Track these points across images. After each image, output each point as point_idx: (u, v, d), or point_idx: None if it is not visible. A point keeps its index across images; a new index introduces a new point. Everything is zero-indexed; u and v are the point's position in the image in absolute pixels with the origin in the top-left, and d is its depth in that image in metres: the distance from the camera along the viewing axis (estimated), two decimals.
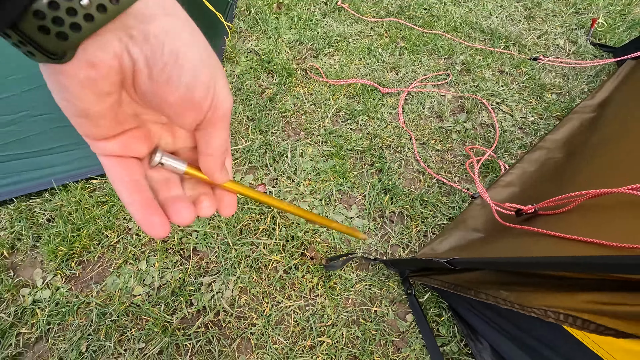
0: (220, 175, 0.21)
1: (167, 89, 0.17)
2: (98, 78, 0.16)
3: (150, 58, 0.16)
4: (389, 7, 1.24)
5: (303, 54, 1.10)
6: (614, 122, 0.73)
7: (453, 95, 0.97)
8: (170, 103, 0.17)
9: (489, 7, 1.24)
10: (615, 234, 0.40)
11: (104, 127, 0.18)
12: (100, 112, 0.17)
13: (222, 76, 0.18)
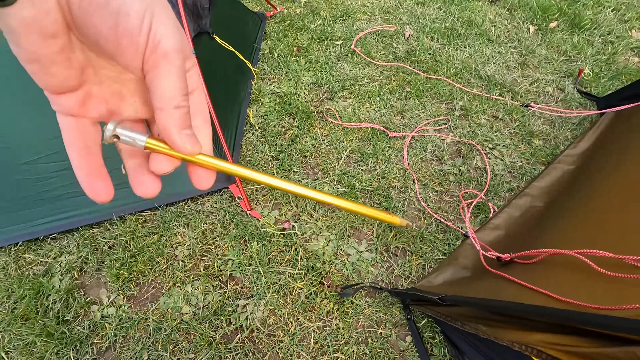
0: (179, 137, 0.19)
1: (98, 17, 0.16)
2: (40, 17, 0.16)
3: None
4: (397, 51, 1.38)
5: (320, 96, 1.24)
6: (588, 180, 0.87)
7: (452, 139, 1.11)
8: (105, 35, 0.17)
9: (487, 52, 1.37)
10: (564, 288, 0.54)
11: (58, 75, 0.18)
12: (50, 57, 0.17)
13: (162, 11, 0.18)
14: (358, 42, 1.42)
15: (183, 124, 0.19)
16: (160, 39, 0.17)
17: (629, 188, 0.77)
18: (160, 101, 0.18)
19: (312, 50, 1.39)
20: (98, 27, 0.17)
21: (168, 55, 0.17)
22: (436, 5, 1.58)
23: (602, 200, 0.76)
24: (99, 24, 0.17)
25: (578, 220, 0.75)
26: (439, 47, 1.40)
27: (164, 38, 0.17)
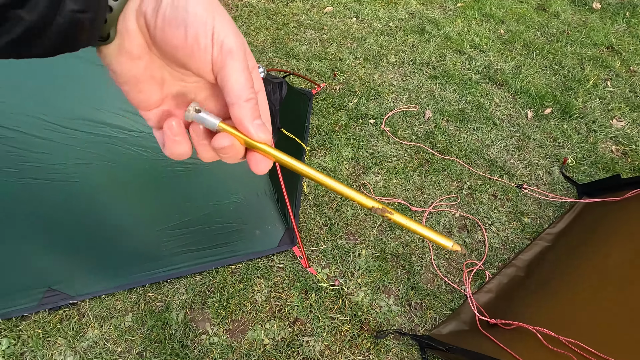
0: (252, 126, 0.21)
1: (170, 32, 0.19)
2: (127, 43, 0.20)
3: (154, 8, 0.20)
4: (418, 131, 1.73)
5: (357, 171, 1.59)
6: (559, 259, 1.19)
7: (460, 214, 1.44)
8: (177, 47, 0.20)
9: (492, 135, 1.70)
10: (527, 353, 0.86)
11: (146, 91, 0.22)
12: (137, 76, 0.21)
13: (221, 15, 0.20)
14: (387, 122, 1.76)
15: (254, 114, 0.21)
16: (222, 39, 0.20)
17: (590, 272, 1.09)
18: (232, 97, 0.21)
19: (350, 127, 1.74)
20: (172, 41, 0.20)
21: (232, 53, 0.20)
22: (452, 88, 1.92)
23: (569, 280, 1.08)
24: (172, 37, 0.20)
25: (547, 295, 1.07)
26: (453, 129, 1.73)
27: (226, 38, 0.20)
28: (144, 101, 0.23)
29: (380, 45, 2.18)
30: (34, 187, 1.05)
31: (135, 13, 0.20)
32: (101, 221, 1.15)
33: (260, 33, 2.30)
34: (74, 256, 1.19)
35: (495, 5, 2.44)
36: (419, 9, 2.47)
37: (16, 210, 1.08)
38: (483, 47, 2.14)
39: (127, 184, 1.13)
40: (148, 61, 0.22)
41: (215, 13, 0.20)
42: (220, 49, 0.20)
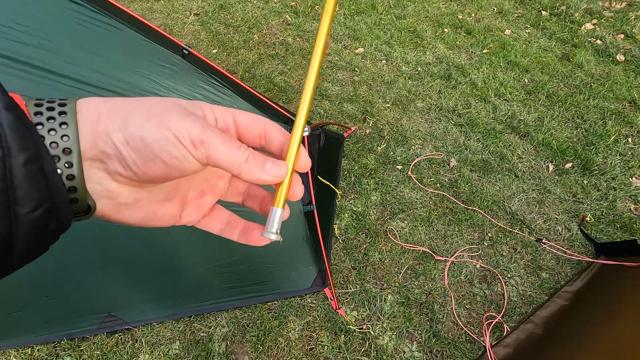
0: (266, 175, 0.22)
1: (151, 170, 0.20)
2: (118, 199, 0.21)
3: (122, 162, 0.20)
4: (443, 179, 1.84)
5: (385, 216, 1.71)
6: (575, 325, 1.27)
7: (481, 265, 1.53)
8: (165, 174, 0.21)
9: (513, 187, 1.80)
10: None
11: (167, 216, 0.24)
12: (150, 211, 0.23)
13: (165, 111, 0.20)
14: (413, 168, 1.88)
15: (259, 164, 0.22)
16: (186, 134, 0.20)
17: (605, 343, 1.17)
18: (233, 169, 0.21)
19: (379, 172, 1.87)
20: (157, 174, 0.21)
21: (202, 139, 0.20)
22: (476, 137, 2.03)
23: (585, 347, 1.17)
24: (155, 172, 0.21)
25: (562, 358, 1.16)
26: (476, 179, 1.84)
27: (188, 131, 0.20)
28: (170, 221, 0.25)
29: (409, 90, 2.31)
30: (107, 226, 1.21)
31: (105, 173, 0.21)
32: (160, 257, 1.30)
33: (295, 72, 2.47)
34: (132, 286, 1.34)
35: (520, 53, 2.55)
36: (446, 53, 2.59)
37: (87, 244, 1.24)
38: (507, 96, 2.25)
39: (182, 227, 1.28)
40: (145, 196, 0.23)
41: (162, 118, 0.20)
42: (193, 145, 0.20)
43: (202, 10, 3.14)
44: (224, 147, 0.21)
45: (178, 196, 0.25)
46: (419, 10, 3.04)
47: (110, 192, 0.21)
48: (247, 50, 2.69)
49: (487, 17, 2.92)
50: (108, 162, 0.20)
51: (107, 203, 0.22)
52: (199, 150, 0.21)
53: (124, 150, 0.20)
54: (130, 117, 0.20)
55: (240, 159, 0.22)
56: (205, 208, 0.27)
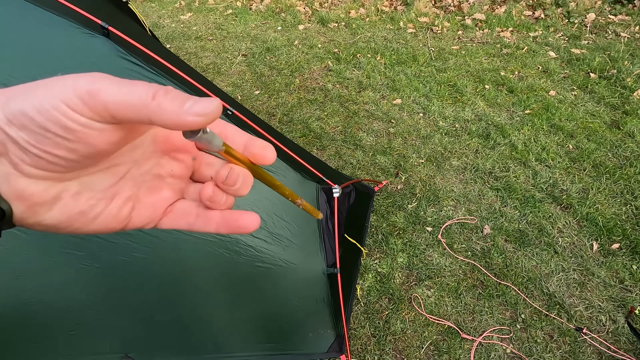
0: (186, 114, 0.17)
1: (44, 141, 0.17)
2: (34, 199, 0.18)
3: (15, 141, 0.17)
4: (475, 247, 1.76)
5: (410, 280, 1.64)
6: None
7: (511, 350, 1.42)
8: (58, 141, 0.17)
9: (552, 265, 1.68)
10: None
11: (101, 217, 0.21)
12: (71, 210, 0.20)
13: (61, 78, 0.17)
14: (444, 232, 1.82)
15: (177, 100, 0.17)
16: (70, 92, 0.16)
17: None
18: (139, 113, 0.17)
19: (407, 232, 1.82)
20: (56, 150, 0.17)
21: (90, 91, 0.16)
22: (513, 204, 1.94)
23: None
24: (52, 148, 0.17)
25: None
26: (511, 251, 1.74)
27: (74, 88, 0.16)
28: (110, 220, 0.21)
29: (444, 146, 2.28)
30: (136, 271, 1.25)
31: (10, 168, 0.18)
32: (182, 306, 1.32)
33: (332, 119, 2.52)
34: (153, 331, 1.35)
35: (565, 117, 2.47)
36: (485, 110, 2.56)
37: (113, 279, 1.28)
38: (549, 162, 2.16)
39: (209, 278, 1.30)
40: (75, 189, 0.20)
41: (47, 85, 0.17)
42: (82, 102, 0.16)
43: (250, 51, 3.33)
44: (121, 88, 0.17)
45: (121, 195, 0.22)
46: (461, 64, 3.06)
47: (21, 192, 0.18)
48: (288, 93, 2.79)
49: (531, 76, 2.88)
50: (5, 153, 0.17)
51: (19, 206, 0.18)
52: (90, 105, 0.16)
53: (10, 131, 0.17)
54: (13, 95, 0.17)
55: (145, 96, 0.17)
56: (162, 206, 0.24)
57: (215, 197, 0.22)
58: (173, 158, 0.24)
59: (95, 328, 1.31)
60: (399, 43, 3.40)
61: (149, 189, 0.23)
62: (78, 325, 1.29)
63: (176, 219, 0.24)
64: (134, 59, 1.12)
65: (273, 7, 4.15)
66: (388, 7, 4.08)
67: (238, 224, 0.23)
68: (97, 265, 1.20)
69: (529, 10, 3.85)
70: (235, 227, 0.23)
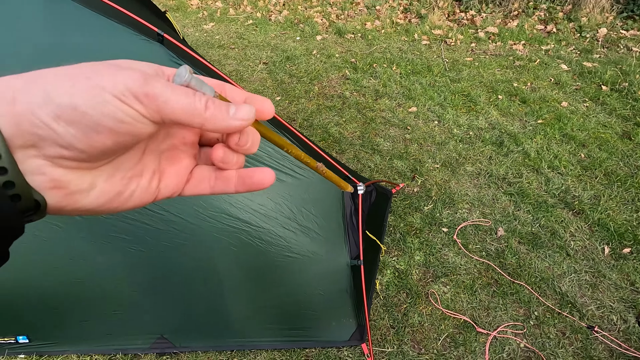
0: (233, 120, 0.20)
1: (97, 143, 0.18)
2: (70, 187, 0.19)
3: (59, 137, 0.17)
4: (489, 248, 1.83)
5: (427, 277, 1.72)
6: None
7: (525, 345, 1.48)
8: (114, 143, 0.18)
9: (564, 266, 1.75)
10: None
11: (134, 194, 0.22)
12: (108, 193, 0.21)
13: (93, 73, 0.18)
14: (459, 232, 1.90)
15: (224, 109, 0.19)
16: (123, 89, 0.17)
17: None
18: (193, 120, 0.19)
19: (424, 232, 1.91)
20: (105, 145, 0.18)
21: (147, 93, 0.18)
22: (526, 208, 2.02)
23: None
24: (102, 145, 0.18)
25: None
26: (524, 252, 1.81)
27: (127, 86, 0.17)
28: (143, 195, 0.22)
29: (459, 152, 2.37)
30: (176, 257, 1.36)
31: (46, 160, 0.18)
32: (214, 291, 1.42)
33: (350, 125, 2.64)
34: (187, 315, 1.45)
35: (577, 127, 2.54)
36: (499, 120, 2.65)
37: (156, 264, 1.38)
38: (561, 169, 2.23)
39: (242, 266, 1.40)
40: (107, 174, 0.20)
41: (91, 79, 0.17)
42: (137, 101, 0.18)
43: (271, 60, 3.49)
44: (176, 97, 0.18)
45: (148, 169, 0.23)
46: (474, 75, 3.16)
47: (57, 182, 0.19)
48: (307, 100, 2.92)
49: (544, 87, 2.96)
50: (44, 147, 0.18)
51: (56, 195, 0.19)
52: (146, 105, 0.18)
53: (57, 127, 0.17)
54: (53, 87, 0.17)
55: (199, 107, 0.19)
56: (184, 174, 0.25)
57: (227, 157, 0.23)
58: (182, 126, 0.24)
59: (136, 309, 1.41)
60: (414, 54, 3.52)
61: (169, 160, 0.24)
62: (121, 305, 1.39)
63: (197, 184, 0.25)
64: (185, 64, 1.25)
65: (291, 18, 4.32)
66: (402, 20, 4.22)
67: (253, 181, 0.24)
68: (143, 250, 1.31)
69: (541, 24, 3.96)
70: (250, 184, 0.24)
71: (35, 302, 1.35)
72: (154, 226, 1.30)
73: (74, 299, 1.33)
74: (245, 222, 1.35)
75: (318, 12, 4.43)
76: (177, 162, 0.24)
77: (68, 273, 1.30)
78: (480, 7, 4.23)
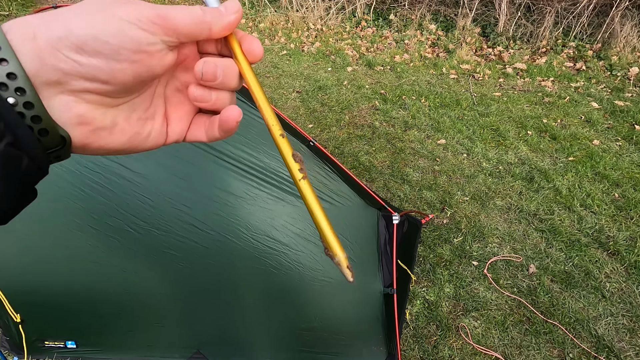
0: (224, 15, 0.22)
1: (120, 73, 0.19)
2: (96, 122, 0.20)
3: (83, 69, 0.18)
4: (521, 284, 1.82)
5: (457, 310, 1.73)
6: None
7: None
8: (136, 72, 0.20)
9: (600, 309, 1.71)
10: None
11: (151, 134, 0.23)
12: (129, 132, 0.22)
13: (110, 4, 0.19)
14: (489, 266, 1.90)
15: (216, 10, 0.22)
16: (139, 16, 0.19)
17: None
18: (202, 29, 0.21)
19: (453, 264, 1.92)
20: (123, 73, 0.19)
21: (159, 14, 0.19)
22: (558, 246, 2.00)
23: None
24: (121, 71, 0.19)
25: None
26: (557, 291, 1.79)
27: (141, 13, 0.19)
28: (158, 137, 0.24)
29: (488, 186, 2.40)
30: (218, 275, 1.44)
31: (71, 96, 0.19)
32: (250, 310, 1.48)
33: (380, 154, 2.72)
34: (223, 331, 1.51)
35: (609, 166, 2.53)
36: (528, 155, 2.67)
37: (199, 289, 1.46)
38: (595, 208, 2.21)
39: (279, 287, 1.46)
40: (126, 113, 0.22)
41: (105, 10, 0.19)
42: (154, 24, 0.19)
43: (304, 89, 3.66)
44: (181, 11, 0.20)
45: (159, 112, 0.24)
46: (503, 110, 3.21)
47: (83, 117, 0.20)
48: (338, 128, 3.04)
49: (574, 125, 2.98)
50: (69, 81, 0.19)
51: (82, 131, 0.20)
52: (162, 27, 0.20)
53: (81, 59, 0.18)
54: (71, 21, 0.18)
55: (201, 15, 0.21)
56: (188, 118, 0.26)
57: (202, 96, 0.23)
58: (184, 68, 0.25)
59: (175, 322, 1.49)
60: (442, 87, 3.62)
61: (175, 105, 0.25)
62: (162, 318, 1.47)
63: (196, 131, 0.25)
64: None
65: (323, 50, 4.54)
66: (431, 54, 4.36)
67: (222, 119, 0.24)
68: (189, 266, 1.40)
69: (570, 61, 4.00)
70: (221, 122, 0.24)
71: (86, 309, 1.44)
72: (201, 244, 1.39)
73: (122, 308, 1.42)
74: (286, 245, 1.42)
75: (348, 44, 4.64)
76: (181, 107, 0.25)
77: (119, 283, 1.39)
78: (507, 44, 4.33)
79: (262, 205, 1.43)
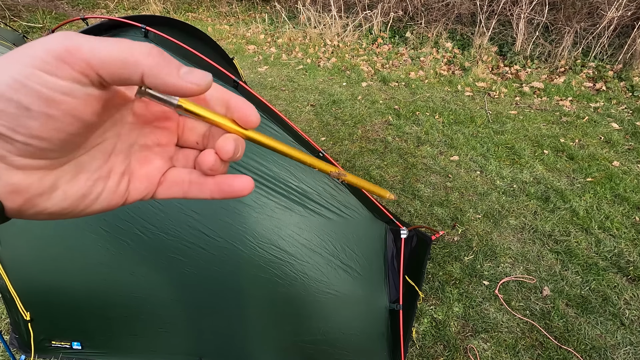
0: (181, 79, 0.18)
1: (24, 120, 0.16)
2: (32, 189, 0.18)
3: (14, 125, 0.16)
4: (534, 307, 1.76)
5: (466, 331, 1.67)
6: None
7: None
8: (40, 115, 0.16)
9: (618, 337, 1.63)
10: None
11: (100, 197, 0.21)
12: (72, 196, 0.20)
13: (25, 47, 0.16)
14: (501, 288, 1.84)
15: (173, 64, 0.17)
16: (42, 54, 0.16)
17: None
18: (127, 69, 0.16)
19: (463, 283, 1.87)
20: (42, 127, 0.16)
21: (67, 47, 0.16)
22: (574, 269, 1.93)
23: None
24: (35, 125, 0.16)
25: None
26: (573, 316, 1.72)
27: (47, 49, 0.16)
28: (111, 198, 0.22)
29: (502, 205, 2.35)
30: (224, 282, 1.44)
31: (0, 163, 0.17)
32: (254, 320, 1.47)
33: (391, 169, 2.71)
34: (225, 340, 1.50)
35: (630, 188, 2.44)
36: (544, 174, 2.61)
37: (204, 296, 1.47)
38: (613, 231, 2.13)
39: (283, 298, 1.45)
40: (70, 174, 0.20)
41: (12, 55, 0.16)
42: (60, 60, 0.16)
43: (318, 102, 3.71)
44: (105, 44, 0.16)
45: (116, 170, 0.22)
46: (519, 128, 3.17)
47: (15, 186, 0.18)
48: (351, 142, 3.05)
49: (593, 145, 2.91)
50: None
51: (15, 200, 0.18)
52: (70, 63, 0.16)
53: None
54: None
55: (138, 54, 0.17)
56: (156, 176, 0.24)
57: (216, 165, 0.23)
58: (156, 127, 0.23)
59: (179, 329, 1.49)
60: (457, 104, 3.61)
61: (140, 161, 0.23)
62: (167, 324, 1.48)
63: (170, 187, 0.24)
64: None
65: (339, 65, 4.61)
66: (446, 72, 4.37)
67: (232, 189, 0.23)
68: (195, 272, 1.41)
69: (590, 81, 3.94)
70: (229, 192, 0.23)
71: (95, 311, 1.47)
72: (208, 251, 1.40)
73: (128, 312, 1.43)
74: (292, 256, 1.42)
75: (364, 60, 4.70)
76: (148, 163, 0.24)
77: (127, 287, 1.41)
78: (524, 63, 4.30)
79: (270, 214, 1.44)
